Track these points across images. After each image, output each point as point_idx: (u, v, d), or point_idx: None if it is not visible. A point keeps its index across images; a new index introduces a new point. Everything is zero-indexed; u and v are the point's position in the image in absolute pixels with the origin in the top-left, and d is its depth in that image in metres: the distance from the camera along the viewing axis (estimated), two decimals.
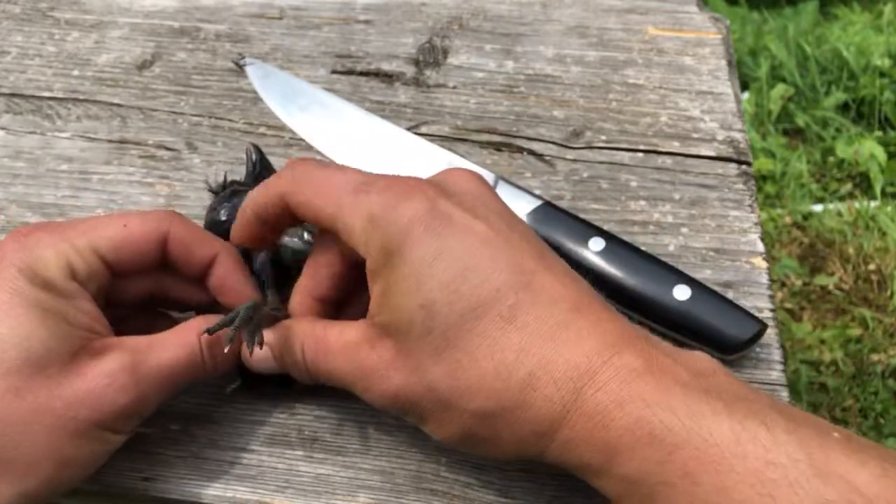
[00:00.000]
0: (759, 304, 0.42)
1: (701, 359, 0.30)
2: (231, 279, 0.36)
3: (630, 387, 0.28)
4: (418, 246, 0.30)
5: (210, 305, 0.37)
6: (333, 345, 0.33)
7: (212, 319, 0.34)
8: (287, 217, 0.34)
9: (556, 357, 0.29)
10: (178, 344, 0.34)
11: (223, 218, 0.39)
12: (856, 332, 1.26)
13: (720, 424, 0.26)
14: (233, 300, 0.36)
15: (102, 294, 0.34)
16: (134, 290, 0.36)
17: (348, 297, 0.37)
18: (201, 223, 0.39)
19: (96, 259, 0.33)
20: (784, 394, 0.39)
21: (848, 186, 1.50)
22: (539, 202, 0.44)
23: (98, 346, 0.32)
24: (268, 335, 0.35)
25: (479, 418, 0.30)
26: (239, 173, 0.43)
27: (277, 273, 0.39)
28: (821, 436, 0.26)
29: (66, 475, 0.31)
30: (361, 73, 0.55)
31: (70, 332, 0.31)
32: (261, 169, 0.42)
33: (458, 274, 0.30)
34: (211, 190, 0.43)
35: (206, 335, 0.33)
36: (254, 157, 0.42)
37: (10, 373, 0.29)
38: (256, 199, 0.35)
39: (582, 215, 0.44)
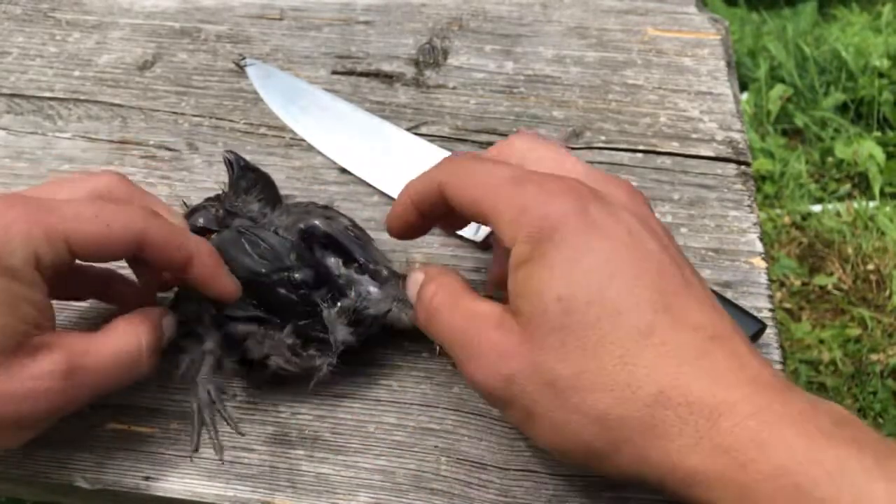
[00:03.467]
0: (758, 303, 0.42)
1: (838, 407, 0.27)
2: (212, 280, 0.35)
3: (771, 428, 0.25)
4: (568, 239, 0.29)
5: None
6: (463, 304, 0.33)
7: (155, 314, 0.35)
8: (441, 207, 0.34)
9: (690, 382, 0.27)
10: (119, 347, 0.33)
11: (200, 223, 0.39)
12: (855, 331, 1.26)
13: (872, 483, 0.24)
14: (215, 295, 0.36)
15: (59, 276, 0.32)
16: (94, 271, 0.37)
17: None
18: None
19: (65, 250, 0.31)
20: None
21: (847, 187, 1.51)
22: None
23: (36, 343, 0.30)
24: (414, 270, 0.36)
25: (601, 426, 0.28)
26: None
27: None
28: None
29: None
30: (362, 74, 0.55)
31: (16, 328, 0.30)
32: (240, 173, 0.42)
33: (603, 276, 0.29)
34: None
35: (148, 339, 0.33)
36: (233, 161, 0.42)
37: None
38: (415, 187, 0.35)
39: None
